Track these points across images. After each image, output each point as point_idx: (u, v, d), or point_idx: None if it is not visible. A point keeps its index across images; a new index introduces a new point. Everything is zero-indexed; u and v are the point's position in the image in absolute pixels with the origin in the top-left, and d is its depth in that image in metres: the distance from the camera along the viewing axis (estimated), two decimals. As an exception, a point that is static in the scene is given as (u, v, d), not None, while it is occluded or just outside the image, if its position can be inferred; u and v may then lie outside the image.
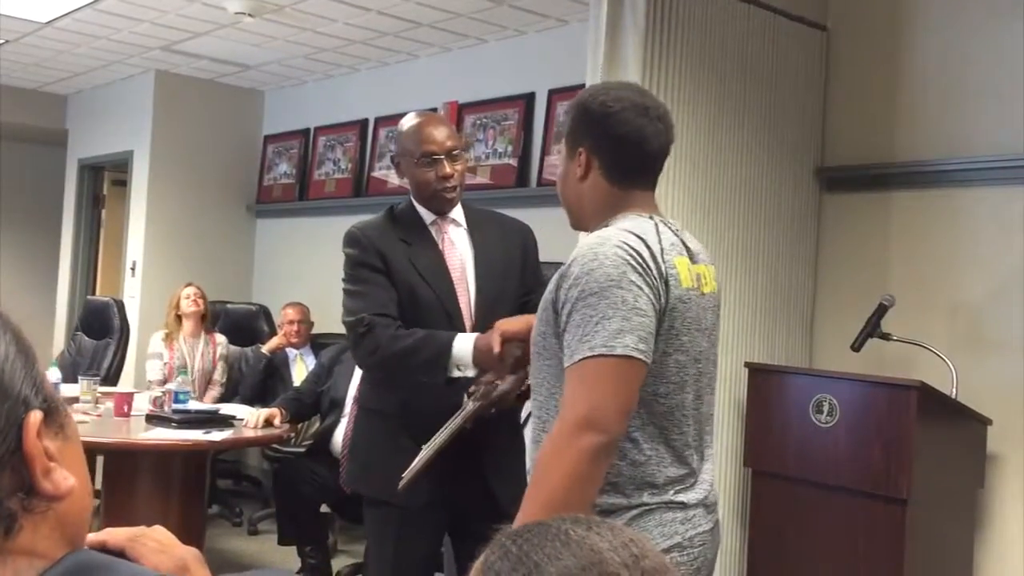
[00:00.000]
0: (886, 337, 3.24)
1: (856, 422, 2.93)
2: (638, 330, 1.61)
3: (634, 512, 1.70)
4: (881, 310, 3.24)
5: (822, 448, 3.00)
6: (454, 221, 2.45)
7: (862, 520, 2.91)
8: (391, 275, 2.35)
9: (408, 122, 2.44)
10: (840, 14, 3.79)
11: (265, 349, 5.32)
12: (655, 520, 1.71)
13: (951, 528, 3.15)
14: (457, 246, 2.43)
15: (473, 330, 2.33)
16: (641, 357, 1.61)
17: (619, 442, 1.64)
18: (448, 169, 2.37)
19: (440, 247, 2.42)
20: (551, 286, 1.75)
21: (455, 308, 2.36)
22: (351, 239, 2.42)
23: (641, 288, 1.63)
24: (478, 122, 5.23)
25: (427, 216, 2.44)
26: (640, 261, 1.65)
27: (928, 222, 3.52)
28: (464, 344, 2.21)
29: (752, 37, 3.49)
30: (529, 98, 4.99)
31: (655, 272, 1.66)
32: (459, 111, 5.33)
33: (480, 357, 2.19)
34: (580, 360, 1.61)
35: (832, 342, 3.65)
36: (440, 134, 2.39)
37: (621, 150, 1.77)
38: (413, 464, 2.16)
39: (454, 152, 2.39)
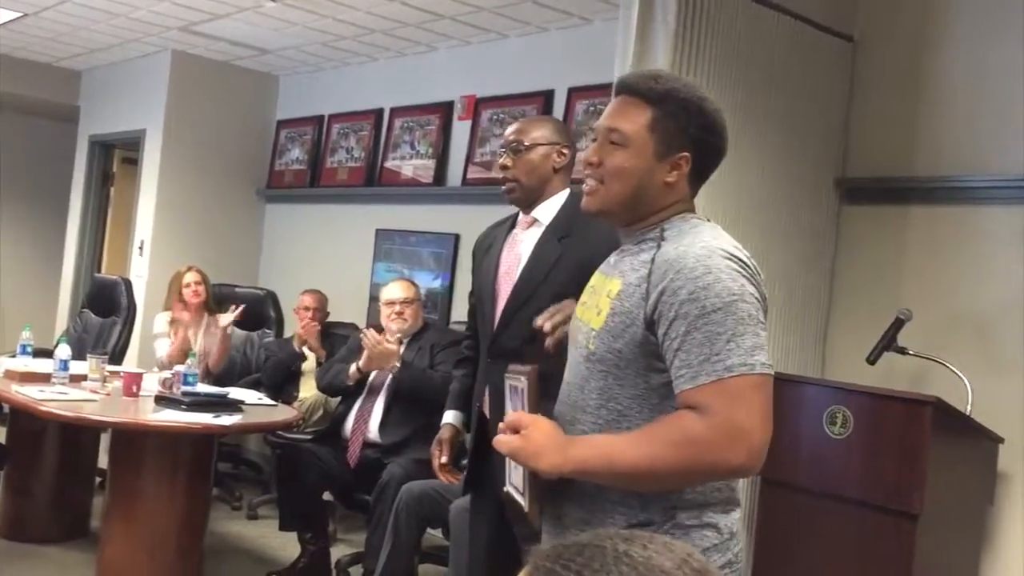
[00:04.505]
0: (902, 351, 3.23)
1: (870, 435, 2.93)
2: (765, 346, 1.55)
3: (716, 535, 1.66)
4: (898, 324, 3.24)
5: (834, 460, 2.99)
6: (535, 221, 2.41)
7: (872, 534, 2.90)
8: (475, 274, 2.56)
9: None
10: (868, 25, 3.78)
11: (297, 346, 5.16)
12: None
13: (959, 544, 3.16)
14: (520, 245, 2.41)
15: (495, 330, 2.34)
16: (772, 373, 1.56)
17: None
18: (502, 160, 2.41)
19: (504, 244, 2.44)
20: (635, 300, 1.60)
21: (491, 307, 2.39)
22: None
23: (759, 300, 1.58)
24: (495, 117, 5.21)
25: (522, 213, 2.46)
26: (750, 273, 1.59)
27: (947, 238, 3.52)
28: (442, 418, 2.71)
29: (779, 44, 3.48)
30: (548, 95, 4.97)
31: (760, 281, 1.61)
32: (476, 105, 5.32)
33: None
34: (716, 380, 1.50)
35: (844, 353, 3.65)
36: (512, 126, 2.44)
37: (713, 162, 1.76)
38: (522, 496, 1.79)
39: (512, 146, 2.39)
